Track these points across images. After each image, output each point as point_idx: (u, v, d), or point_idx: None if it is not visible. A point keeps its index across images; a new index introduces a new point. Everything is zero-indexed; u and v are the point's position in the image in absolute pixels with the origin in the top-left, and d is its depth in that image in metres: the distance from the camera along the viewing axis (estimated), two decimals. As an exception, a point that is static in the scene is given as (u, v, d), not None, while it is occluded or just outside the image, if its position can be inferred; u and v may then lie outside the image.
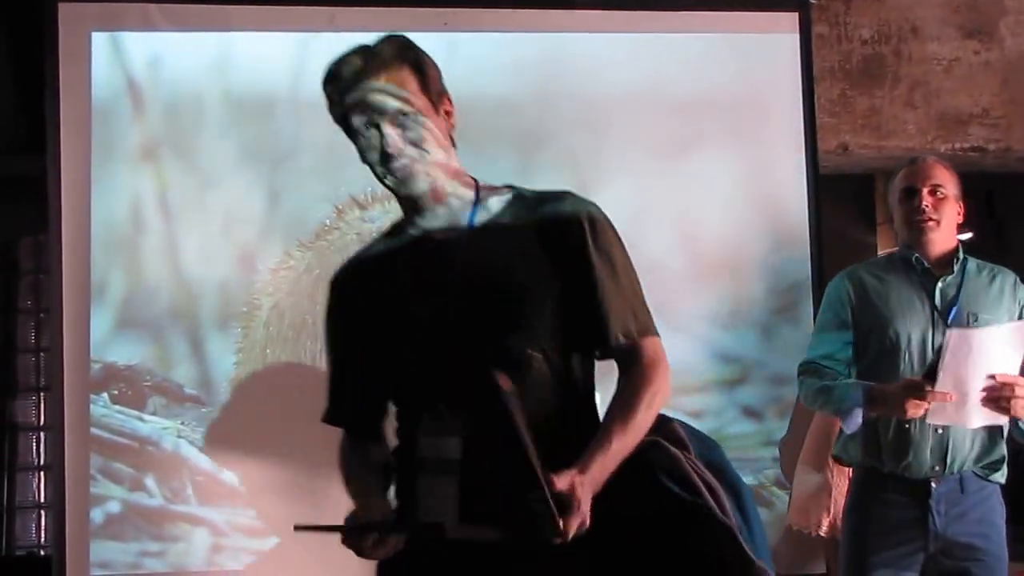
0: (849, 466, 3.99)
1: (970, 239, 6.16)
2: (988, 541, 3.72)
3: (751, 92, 4.94)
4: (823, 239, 4.91)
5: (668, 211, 4.87)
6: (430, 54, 2.44)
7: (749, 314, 4.87)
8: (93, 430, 4.55)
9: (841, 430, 3.84)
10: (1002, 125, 5.36)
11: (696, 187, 4.87)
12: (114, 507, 4.54)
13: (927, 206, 3.80)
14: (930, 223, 3.80)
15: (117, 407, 4.58)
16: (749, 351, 4.86)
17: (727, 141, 4.90)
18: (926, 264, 3.79)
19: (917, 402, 3.56)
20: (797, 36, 4.98)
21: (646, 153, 4.86)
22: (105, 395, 4.57)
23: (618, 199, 4.78)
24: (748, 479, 4.75)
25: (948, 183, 3.85)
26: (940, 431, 3.67)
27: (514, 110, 4.78)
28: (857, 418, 3.67)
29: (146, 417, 4.58)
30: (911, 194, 3.83)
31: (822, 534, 4.53)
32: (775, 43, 4.96)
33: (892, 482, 3.74)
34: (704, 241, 4.88)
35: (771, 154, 4.93)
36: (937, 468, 3.69)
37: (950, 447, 3.68)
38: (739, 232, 4.88)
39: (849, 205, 4.04)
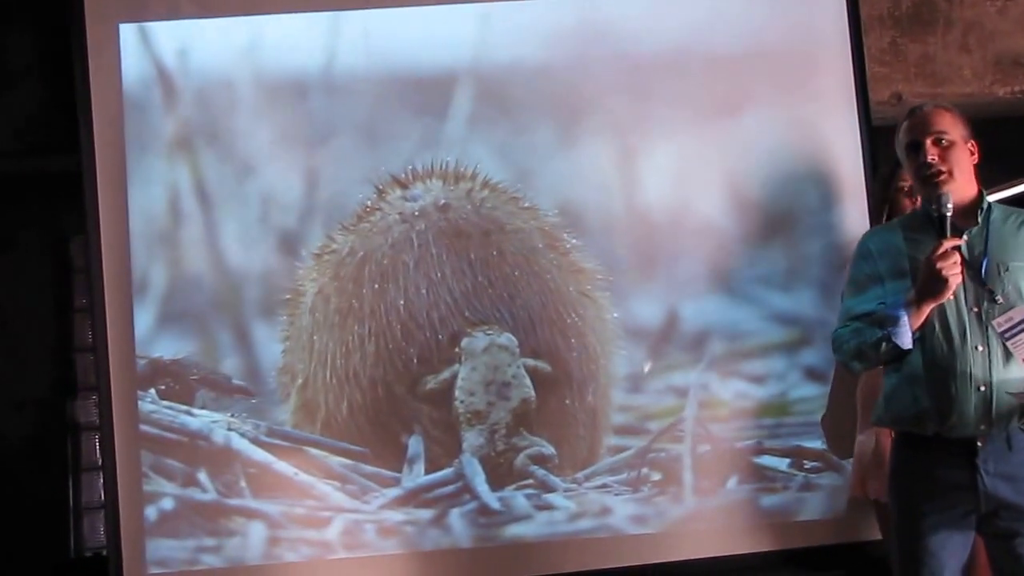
0: (891, 428, 3.87)
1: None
2: None
3: (798, 45, 4.83)
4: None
5: (718, 172, 4.76)
6: (464, 25, 2.22)
7: (807, 273, 4.76)
8: (142, 427, 4.51)
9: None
10: (1061, 66, 5.22)
11: (745, 146, 4.77)
12: (168, 504, 4.50)
13: (934, 158, 3.66)
14: (942, 176, 3.67)
15: (165, 403, 4.53)
16: (809, 311, 4.74)
17: (775, 97, 4.79)
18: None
19: (942, 261, 3.50)
20: (843, -15, 4.86)
21: (692, 114, 4.76)
22: (152, 391, 4.53)
23: (665, 163, 4.76)
24: (815, 444, 4.71)
25: (952, 127, 3.69)
26: (982, 388, 3.54)
27: (554, 78, 4.69)
28: (906, 328, 3.55)
29: (195, 411, 4.53)
30: (915, 148, 3.68)
31: (882, 499, 4.42)
32: (821, -7, 4.84)
33: (936, 443, 3.61)
34: (756, 201, 4.77)
35: (822, 108, 4.81)
36: (983, 427, 3.57)
37: (994, 403, 3.54)
38: (792, 190, 4.77)
39: (905, 156, 4.00)
